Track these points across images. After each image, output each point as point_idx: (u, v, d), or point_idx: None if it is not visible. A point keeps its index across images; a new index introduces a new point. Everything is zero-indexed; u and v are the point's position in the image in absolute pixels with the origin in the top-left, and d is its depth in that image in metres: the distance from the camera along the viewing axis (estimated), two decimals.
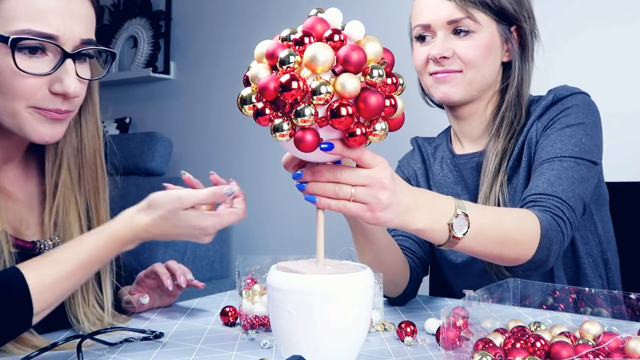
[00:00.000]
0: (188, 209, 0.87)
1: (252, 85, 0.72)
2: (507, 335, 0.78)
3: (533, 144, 1.15)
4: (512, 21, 1.18)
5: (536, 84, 1.24)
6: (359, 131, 0.69)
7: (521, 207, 1.05)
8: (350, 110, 0.67)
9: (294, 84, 0.66)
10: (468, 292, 0.76)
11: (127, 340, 0.90)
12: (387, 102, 0.70)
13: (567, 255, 1.19)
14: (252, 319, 0.95)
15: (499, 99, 1.23)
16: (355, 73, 0.68)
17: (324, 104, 0.67)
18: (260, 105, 0.70)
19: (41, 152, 1.01)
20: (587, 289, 0.86)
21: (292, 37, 0.70)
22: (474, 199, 1.22)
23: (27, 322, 0.82)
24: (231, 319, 1.00)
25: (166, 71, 3.31)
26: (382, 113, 0.70)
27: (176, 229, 0.87)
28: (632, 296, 0.82)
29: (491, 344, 0.73)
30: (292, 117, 0.68)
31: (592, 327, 0.78)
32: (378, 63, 0.70)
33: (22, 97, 0.87)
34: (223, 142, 3.12)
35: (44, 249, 0.96)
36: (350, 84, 0.67)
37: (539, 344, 0.73)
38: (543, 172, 1.07)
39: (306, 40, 0.69)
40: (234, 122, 3.03)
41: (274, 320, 0.75)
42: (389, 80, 0.71)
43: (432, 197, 0.86)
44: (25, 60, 0.85)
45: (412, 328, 0.90)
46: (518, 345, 0.73)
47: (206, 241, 0.90)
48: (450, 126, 1.32)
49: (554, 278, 1.16)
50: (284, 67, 0.68)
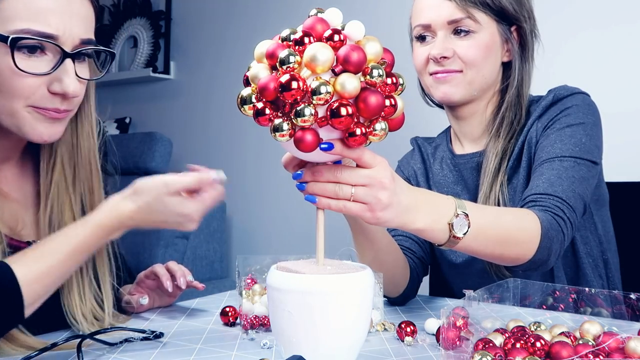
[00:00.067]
0: (173, 194, 0.86)
1: (252, 85, 0.72)
2: (507, 335, 0.78)
3: (533, 144, 1.15)
4: (513, 21, 1.18)
5: (536, 84, 1.24)
6: (358, 131, 0.69)
7: (521, 207, 1.05)
8: (350, 110, 0.67)
9: (294, 84, 0.66)
10: (468, 292, 0.76)
11: (127, 340, 0.90)
12: (387, 102, 0.70)
13: (567, 255, 1.19)
14: (252, 319, 0.95)
15: (499, 99, 1.23)
16: (355, 73, 0.68)
17: (323, 104, 0.67)
18: (260, 105, 0.70)
19: (37, 152, 1.01)
20: (587, 289, 0.86)
21: (292, 37, 0.70)
22: (474, 199, 1.22)
23: (19, 314, 0.82)
24: (231, 319, 1.00)
25: (166, 71, 3.31)
26: (382, 113, 0.70)
27: (161, 215, 0.87)
28: (632, 296, 0.82)
29: (491, 344, 0.73)
30: (292, 117, 0.68)
31: (592, 327, 0.78)
32: (378, 63, 0.70)
33: (20, 96, 0.87)
34: (223, 142, 3.12)
35: None
36: (350, 84, 0.67)
37: (539, 344, 0.73)
38: (543, 172, 1.07)
39: (306, 40, 0.69)
40: (234, 122, 3.03)
41: (274, 320, 0.75)
42: (389, 80, 0.70)
43: (432, 196, 0.86)
44: (25, 60, 0.85)
45: (412, 328, 0.90)
46: (518, 345, 0.73)
47: (191, 228, 0.88)
48: (450, 126, 1.32)
49: (554, 278, 1.16)
50: (284, 67, 0.68)
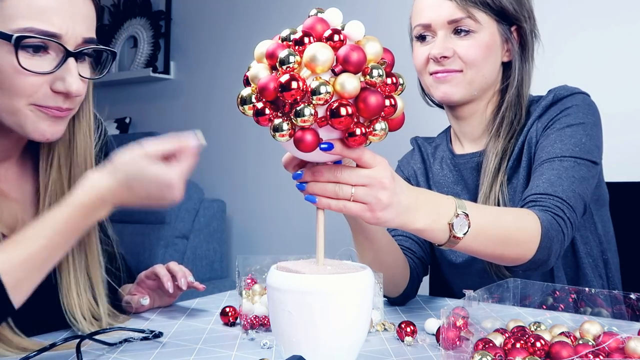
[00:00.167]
0: (152, 164, 0.84)
1: (252, 85, 0.72)
2: (507, 335, 0.78)
3: (533, 144, 1.15)
4: (513, 21, 1.18)
5: (536, 84, 1.24)
6: (358, 131, 0.69)
7: (521, 207, 1.05)
8: (350, 110, 0.67)
9: (294, 84, 0.66)
10: (468, 292, 0.76)
11: (126, 340, 0.90)
12: (387, 102, 0.70)
13: (567, 255, 1.19)
14: (252, 319, 0.95)
15: (499, 99, 1.23)
16: (355, 73, 0.68)
17: (323, 104, 0.67)
18: (260, 105, 0.70)
19: (37, 151, 1.00)
20: (587, 289, 0.86)
21: (292, 37, 0.70)
22: (473, 199, 1.22)
23: (5, 303, 0.81)
24: (231, 319, 1.00)
25: (166, 71, 3.31)
26: (382, 113, 0.70)
27: (143, 190, 0.85)
28: (632, 296, 0.82)
29: (491, 344, 0.73)
30: (292, 117, 0.68)
31: (592, 327, 0.78)
32: (378, 63, 0.70)
33: (23, 94, 0.86)
34: (223, 142, 3.12)
35: None
36: (350, 84, 0.67)
37: (539, 344, 0.73)
38: (543, 172, 1.07)
39: (306, 40, 0.69)
40: (234, 122, 3.03)
41: (274, 320, 0.75)
42: (389, 80, 0.70)
43: (432, 196, 0.86)
44: (28, 59, 0.85)
45: (412, 328, 0.90)
46: (518, 345, 0.73)
47: (175, 198, 0.86)
48: (450, 126, 1.32)
49: (554, 278, 1.16)
50: (284, 67, 0.68)
